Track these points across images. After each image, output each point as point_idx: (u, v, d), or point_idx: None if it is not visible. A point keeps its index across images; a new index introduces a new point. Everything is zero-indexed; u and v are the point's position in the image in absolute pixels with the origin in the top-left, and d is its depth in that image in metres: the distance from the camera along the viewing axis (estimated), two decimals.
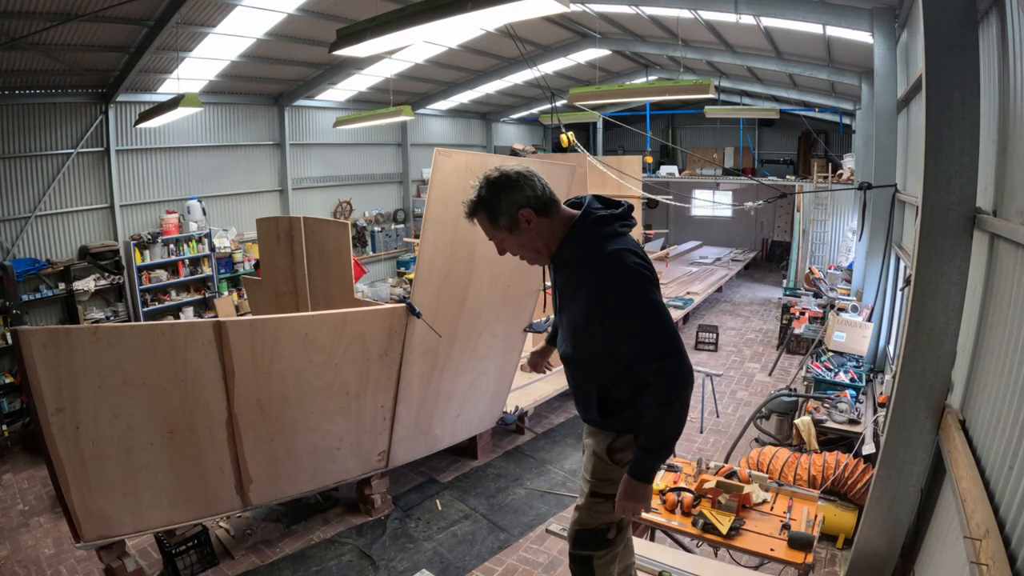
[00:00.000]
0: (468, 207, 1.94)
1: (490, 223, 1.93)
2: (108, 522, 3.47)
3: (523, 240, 1.94)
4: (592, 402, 2.07)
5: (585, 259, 1.88)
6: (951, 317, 2.79)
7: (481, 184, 1.91)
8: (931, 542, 2.94)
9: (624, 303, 1.80)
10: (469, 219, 1.96)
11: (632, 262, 1.81)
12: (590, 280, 1.85)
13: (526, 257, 2.01)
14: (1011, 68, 2.50)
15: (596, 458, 2.14)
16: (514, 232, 1.92)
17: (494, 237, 1.97)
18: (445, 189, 4.01)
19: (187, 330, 3.48)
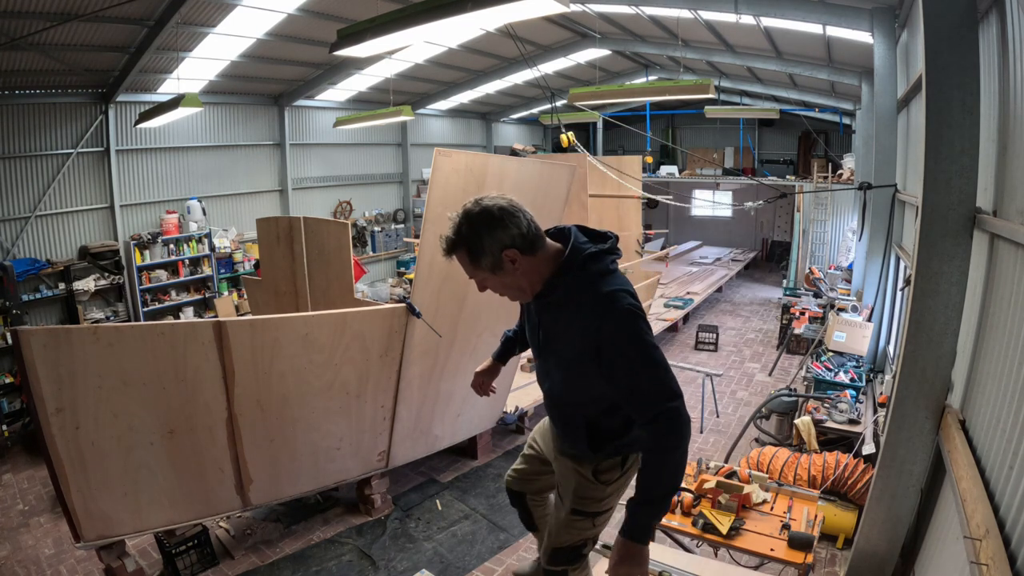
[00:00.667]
0: (446, 244, 1.78)
1: (471, 263, 1.78)
2: (108, 522, 3.47)
3: (507, 280, 1.81)
4: (581, 437, 2.01)
5: (579, 300, 1.78)
6: (951, 317, 2.79)
7: (460, 219, 1.75)
8: (931, 542, 2.94)
9: (623, 348, 1.72)
10: (447, 256, 1.80)
11: (629, 304, 1.74)
12: (585, 322, 1.76)
13: (508, 295, 1.89)
14: (1011, 68, 2.50)
15: (580, 476, 2.08)
16: (497, 272, 1.78)
17: (475, 276, 1.82)
18: (445, 189, 4.01)
19: (187, 330, 3.48)
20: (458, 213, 1.77)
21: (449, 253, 1.79)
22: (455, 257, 1.80)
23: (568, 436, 2.09)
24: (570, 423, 2.05)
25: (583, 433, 2.00)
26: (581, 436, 2.00)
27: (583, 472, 2.07)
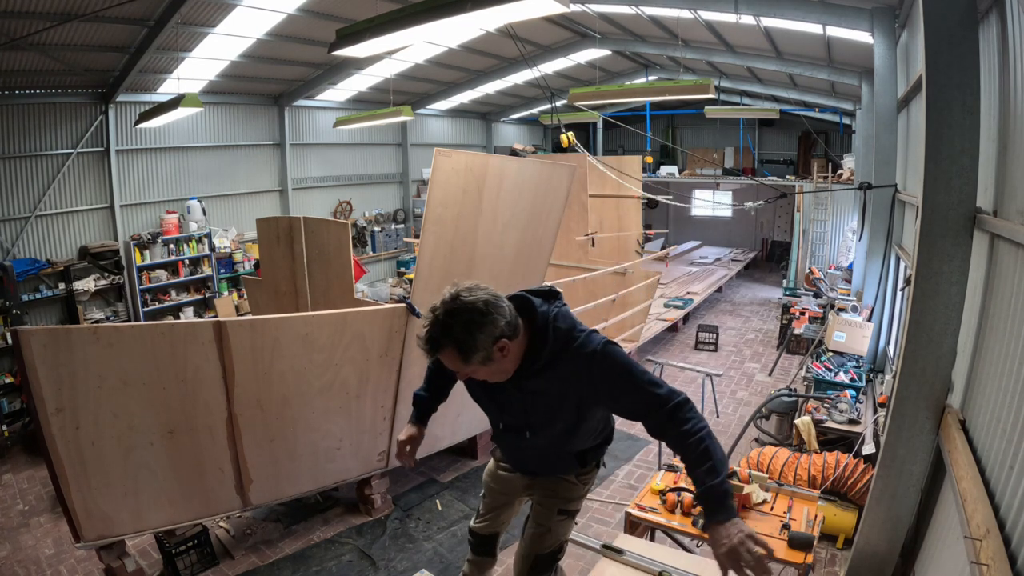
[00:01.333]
0: (428, 344, 1.71)
1: (462, 360, 1.74)
2: (108, 522, 3.47)
3: (494, 368, 1.82)
4: (570, 462, 2.24)
5: (563, 360, 1.86)
6: (951, 317, 2.79)
7: (444, 318, 1.69)
8: (931, 542, 2.94)
9: (619, 379, 1.85)
10: (431, 354, 1.74)
11: (600, 342, 1.88)
12: (578, 375, 1.86)
13: (492, 379, 1.89)
14: (1011, 68, 2.50)
15: (564, 482, 2.31)
16: (487, 364, 1.78)
17: (463, 372, 1.81)
18: (445, 189, 4.01)
19: (187, 330, 3.48)
20: (440, 310, 1.70)
21: (434, 352, 1.73)
22: (439, 355, 1.75)
23: (553, 468, 2.29)
24: (558, 460, 2.24)
25: (572, 461, 2.24)
26: (571, 461, 2.24)
27: (567, 478, 2.30)
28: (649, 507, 3.39)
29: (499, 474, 2.52)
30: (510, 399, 2.01)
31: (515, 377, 1.91)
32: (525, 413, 2.03)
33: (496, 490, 2.55)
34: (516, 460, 2.39)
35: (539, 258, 5.01)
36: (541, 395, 1.95)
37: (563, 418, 2.00)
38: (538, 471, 2.36)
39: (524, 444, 2.16)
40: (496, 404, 2.10)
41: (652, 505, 3.41)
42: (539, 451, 2.19)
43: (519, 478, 2.43)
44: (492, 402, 2.11)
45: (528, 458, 2.32)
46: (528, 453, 2.27)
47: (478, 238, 4.33)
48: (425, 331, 1.72)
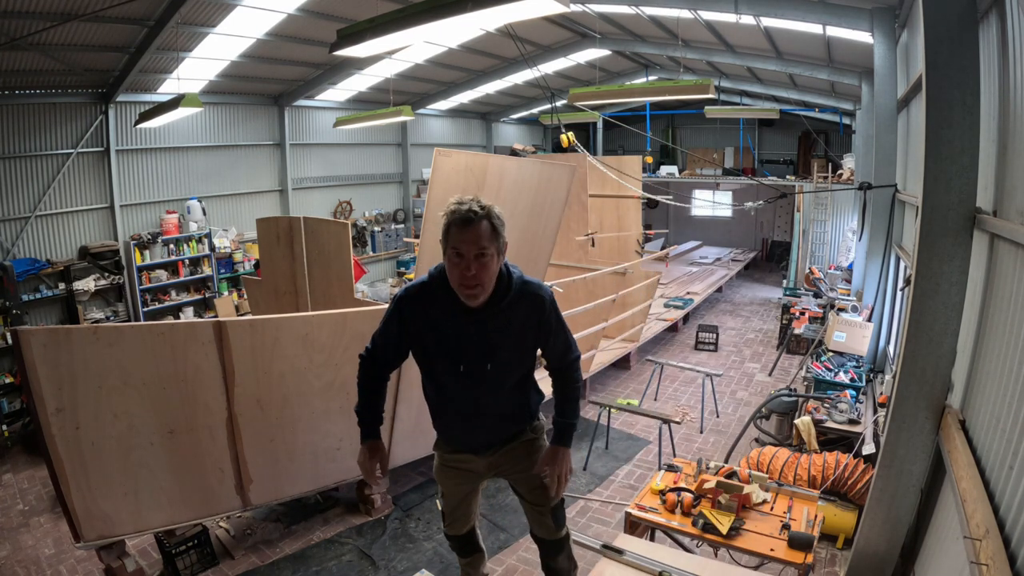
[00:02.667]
0: (481, 208, 2.01)
1: (492, 233, 2.03)
2: (108, 522, 3.47)
3: (496, 268, 2.09)
4: (524, 409, 2.47)
5: (525, 300, 2.20)
6: (951, 317, 2.79)
7: (480, 202, 2.03)
8: (931, 542, 2.94)
9: (558, 320, 2.31)
10: (471, 219, 1.99)
11: (550, 290, 2.30)
12: (534, 310, 2.22)
13: (480, 284, 2.07)
14: (1011, 68, 2.50)
15: (533, 445, 2.53)
16: (498, 256, 2.08)
17: (486, 248, 2.02)
18: (445, 189, 4.01)
19: (187, 330, 3.49)
20: (473, 199, 2.03)
21: (478, 220, 1.99)
22: (473, 226, 1.99)
23: (507, 419, 2.46)
24: (510, 404, 2.42)
25: (526, 401, 2.46)
26: (525, 406, 2.47)
27: (528, 436, 2.52)
28: (649, 507, 3.39)
29: (453, 467, 2.58)
30: (474, 337, 2.19)
31: (482, 312, 2.14)
32: (489, 348, 2.21)
33: (454, 484, 2.62)
34: (471, 433, 2.45)
35: (539, 258, 5.01)
36: (503, 330, 2.19)
37: (518, 353, 2.28)
38: (495, 437, 2.46)
39: (482, 395, 2.29)
40: (460, 344, 2.21)
41: (652, 505, 3.41)
42: (496, 402, 2.34)
43: (478, 461, 2.50)
44: (456, 343, 2.22)
45: (485, 424, 2.40)
46: (485, 413, 2.36)
47: None
48: (463, 206, 2.00)
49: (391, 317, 2.29)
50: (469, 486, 2.64)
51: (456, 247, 2.02)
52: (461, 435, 2.49)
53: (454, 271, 2.06)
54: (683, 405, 6.62)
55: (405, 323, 2.26)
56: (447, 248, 2.06)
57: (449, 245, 2.05)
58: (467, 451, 2.50)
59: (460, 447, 2.51)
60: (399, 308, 2.26)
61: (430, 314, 2.21)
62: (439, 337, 2.23)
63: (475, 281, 2.03)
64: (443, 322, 2.20)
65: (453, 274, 2.07)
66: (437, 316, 2.20)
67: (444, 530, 2.78)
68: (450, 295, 2.13)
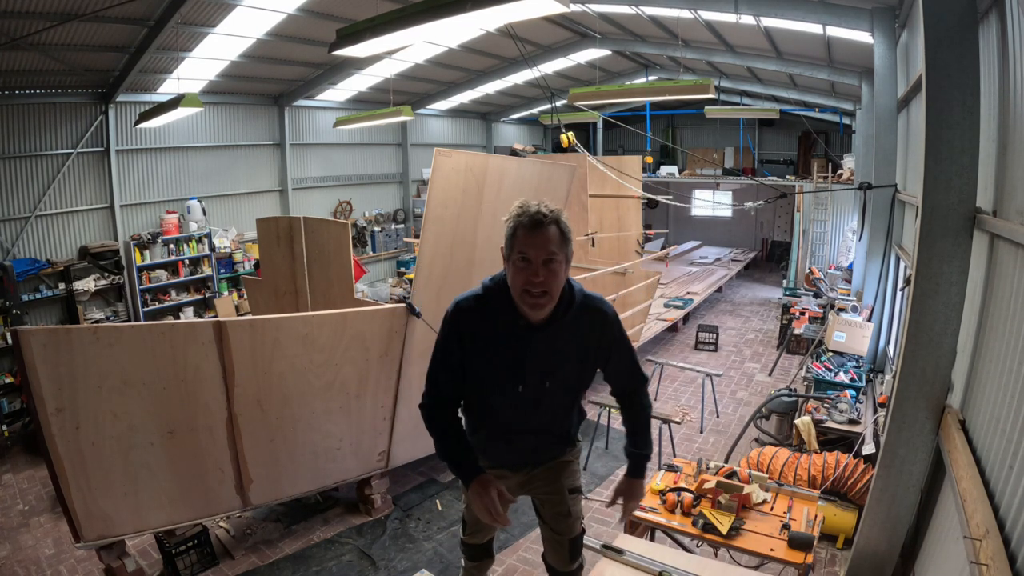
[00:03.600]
0: (550, 211, 1.87)
1: (561, 240, 1.89)
2: (108, 522, 3.47)
3: (562, 276, 1.95)
4: (569, 429, 2.35)
5: (587, 314, 2.07)
6: (951, 317, 2.79)
7: (547, 206, 1.89)
8: (931, 542, 2.94)
9: (624, 338, 2.20)
10: (541, 222, 1.84)
11: (612, 307, 2.18)
12: (596, 326, 2.09)
13: (548, 293, 1.90)
14: (1011, 68, 2.50)
15: (567, 465, 2.42)
16: (566, 265, 1.94)
17: (555, 253, 1.87)
18: (445, 189, 4.01)
19: (187, 330, 3.49)
20: (539, 203, 1.89)
21: (548, 224, 1.86)
22: (543, 230, 1.85)
23: (552, 447, 2.37)
24: (561, 419, 2.30)
25: (572, 422, 2.34)
26: (570, 427, 2.35)
27: (567, 458, 2.42)
28: (649, 507, 3.39)
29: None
30: (535, 355, 2.04)
31: (544, 327, 2.00)
32: (550, 366, 2.07)
33: None
34: (513, 451, 2.32)
35: None
36: (565, 347, 2.07)
37: (577, 372, 2.15)
38: (536, 457, 2.36)
39: (533, 415, 2.18)
40: (520, 362, 2.04)
41: (652, 505, 3.41)
42: (545, 422, 2.24)
43: (512, 478, 2.37)
44: (516, 361, 2.04)
45: (528, 443, 2.29)
46: (532, 432, 2.25)
47: (478, 238, 4.33)
48: (531, 208, 1.87)
49: (448, 339, 2.06)
50: None
51: (523, 251, 1.86)
52: (502, 452, 2.33)
53: (519, 277, 1.88)
54: (683, 405, 6.62)
55: (463, 340, 2.04)
56: (511, 254, 1.89)
57: (515, 250, 1.87)
58: (503, 466, 2.35)
59: (496, 463, 2.33)
60: (455, 324, 2.04)
61: (487, 329, 2.02)
62: (497, 354, 2.04)
63: (542, 288, 1.87)
64: (502, 337, 2.01)
65: (517, 281, 1.89)
66: (495, 331, 2.01)
67: (463, 538, 2.66)
68: (509, 308, 1.97)
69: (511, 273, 1.92)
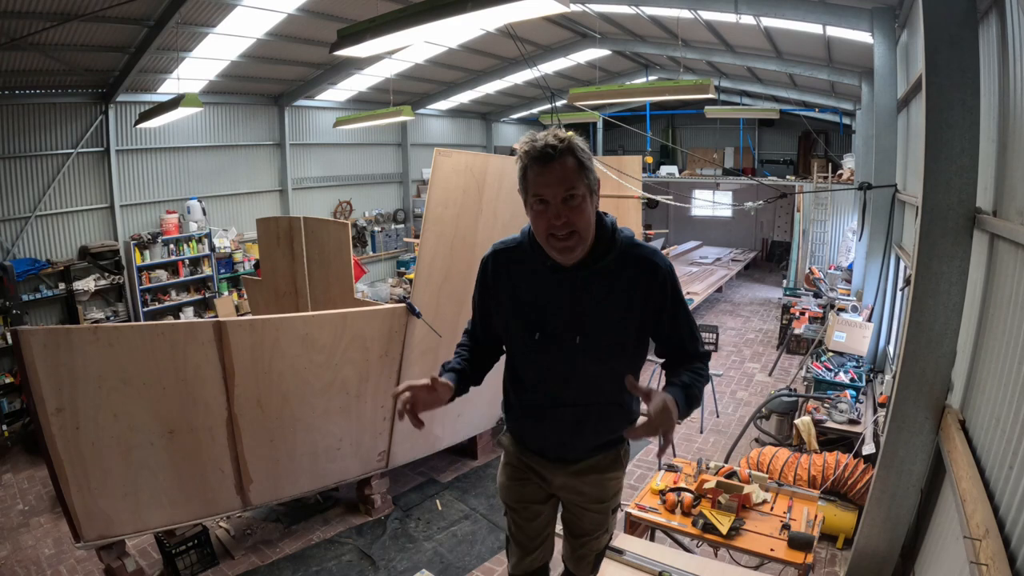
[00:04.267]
0: (560, 140, 1.60)
1: (580, 169, 1.61)
2: (108, 522, 3.47)
3: (592, 212, 1.67)
4: (616, 414, 1.88)
5: (634, 263, 1.75)
6: (951, 317, 2.79)
7: (557, 135, 1.62)
8: (931, 542, 2.94)
9: (679, 298, 1.81)
10: (551, 155, 1.59)
11: (669, 261, 1.81)
12: (639, 278, 1.74)
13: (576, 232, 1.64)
14: (1011, 68, 2.50)
15: (610, 479, 1.99)
16: (591, 197, 1.66)
17: (575, 187, 1.60)
18: (445, 189, 4.01)
19: (187, 330, 3.49)
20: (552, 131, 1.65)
21: (560, 155, 1.59)
22: (554, 164, 1.59)
23: (599, 422, 1.88)
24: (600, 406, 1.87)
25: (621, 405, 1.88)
26: (618, 411, 1.88)
27: (612, 465, 1.98)
28: (649, 507, 3.39)
29: (520, 465, 2.03)
30: (561, 301, 1.76)
31: (575, 271, 1.73)
32: (579, 316, 1.75)
33: (519, 489, 2.06)
34: (543, 428, 1.92)
35: None
36: (602, 297, 1.74)
37: (619, 330, 1.77)
38: (572, 441, 1.91)
39: (565, 378, 1.82)
40: (542, 307, 1.79)
41: (652, 505, 3.42)
42: (582, 391, 1.83)
43: (551, 469, 1.97)
44: (536, 305, 1.79)
45: (563, 419, 1.87)
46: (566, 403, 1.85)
47: (478, 238, 4.33)
48: (538, 142, 1.61)
49: (477, 281, 1.91)
50: (539, 496, 2.06)
51: (539, 192, 1.62)
52: (533, 431, 1.97)
53: (540, 222, 1.65)
54: None
55: (488, 283, 1.87)
56: (527, 197, 1.67)
57: (529, 193, 1.65)
58: (536, 452, 1.99)
59: (529, 445, 2.00)
60: (484, 266, 1.88)
61: (513, 273, 1.82)
62: (516, 298, 1.82)
63: (568, 228, 1.62)
64: (525, 280, 1.80)
65: (539, 226, 1.67)
66: (520, 274, 1.80)
67: (510, 572, 2.19)
68: (541, 253, 1.74)
69: (532, 218, 1.70)
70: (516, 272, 1.81)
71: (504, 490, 2.10)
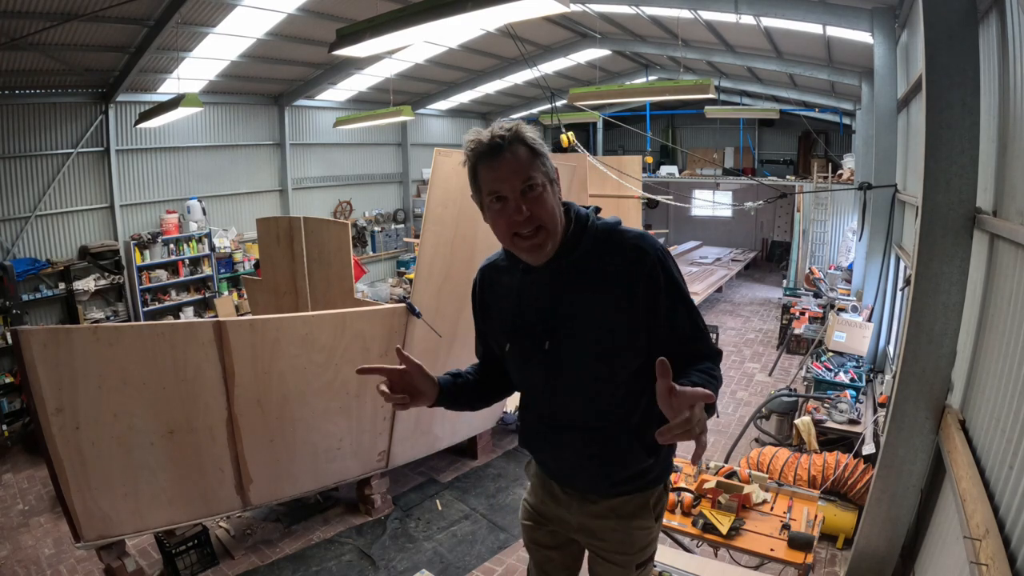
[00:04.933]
0: (509, 131, 1.47)
1: (533, 158, 1.47)
2: (108, 522, 3.47)
3: (555, 202, 1.50)
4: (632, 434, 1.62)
5: (615, 251, 1.53)
6: (951, 317, 2.79)
7: (514, 127, 1.49)
8: (931, 542, 2.94)
9: (676, 288, 1.54)
10: (500, 146, 1.45)
11: (661, 244, 1.57)
12: (625, 266, 1.51)
13: (542, 227, 1.48)
14: (1011, 68, 2.50)
15: (635, 528, 1.74)
16: (550, 186, 1.50)
17: (533, 176, 1.45)
18: (445, 189, 4.01)
19: (187, 330, 3.49)
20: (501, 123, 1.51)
21: (510, 144, 1.46)
22: (503, 156, 1.45)
23: (606, 444, 1.64)
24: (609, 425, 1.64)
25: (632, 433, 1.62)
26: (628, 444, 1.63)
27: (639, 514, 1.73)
28: None
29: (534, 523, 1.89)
30: (536, 301, 1.60)
31: (546, 268, 1.56)
32: (555, 318, 1.57)
33: (536, 550, 1.94)
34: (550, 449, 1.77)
35: None
36: (579, 292, 1.55)
37: (606, 329, 1.54)
38: (586, 477, 1.72)
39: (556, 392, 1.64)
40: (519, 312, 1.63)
41: None
42: (579, 407, 1.64)
43: (567, 503, 1.79)
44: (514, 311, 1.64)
45: (565, 442, 1.69)
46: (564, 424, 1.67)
47: (478, 238, 4.33)
48: (483, 135, 1.48)
49: (472, 303, 1.81)
50: (549, 541, 1.89)
51: (494, 189, 1.47)
52: (541, 450, 1.82)
53: (500, 221, 1.49)
54: None
55: (478, 301, 1.77)
56: (483, 199, 1.51)
57: (484, 193, 1.49)
58: (552, 475, 1.81)
59: (542, 467, 1.85)
60: (474, 287, 1.77)
61: (496, 286, 1.70)
62: (501, 310, 1.69)
63: (532, 223, 1.46)
64: (505, 289, 1.67)
65: (500, 227, 1.50)
66: (502, 285, 1.68)
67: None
68: (514, 258, 1.61)
69: (491, 221, 1.52)
70: (499, 284, 1.69)
71: (521, 526, 1.97)
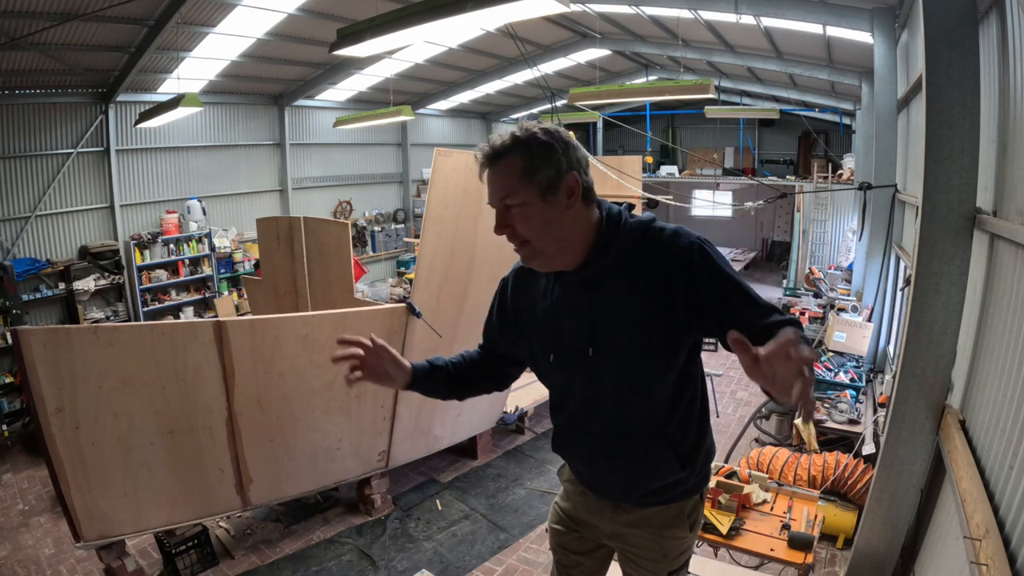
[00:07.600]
0: (508, 139, 1.39)
1: (521, 174, 1.37)
2: (108, 522, 3.47)
3: (550, 216, 1.40)
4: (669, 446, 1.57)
5: (647, 252, 1.46)
6: (951, 317, 2.79)
7: (524, 131, 1.40)
8: (931, 542, 2.94)
9: (717, 274, 1.44)
10: (491, 158, 1.40)
11: (701, 238, 1.47)
12: (662, 267, 1.44)
13: (528, 244, 1.43)
14: (1011, 68, 2.50)
15: (668, 538, 1.69)
16: (547, 199, 1.39)
17: (513, 196, 1.39)
18: (445, 189, 4.01)
19: (187, 330, 3.49)
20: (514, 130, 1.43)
21: (501, 156, 1.38)
22: (495, 167, 1.39)
23: (647, 453, 1.58)
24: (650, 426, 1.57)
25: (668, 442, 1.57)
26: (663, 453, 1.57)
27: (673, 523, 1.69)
28: None
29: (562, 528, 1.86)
30: (570, 310, 1.54)
31: (576, 273, 1.50)
32: (590, 324, 1.51)
33: (564, 555, 1.89)
34: (584, 458, 1.72)
35: None
36: (614, 297, 1.48)
37: (644, 334, 1.47)
38: (618, 476, 1.65)
39: (591, 399, 1.59)
40: (554, 320, 1.57)
41: None
42: (615, 414, 1.58)
43: (599, 509, 1.75)
44: (548, 320, 1.58)
45: (600, 448, 1.63)
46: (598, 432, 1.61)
47: (478, 238, 4.33)
48: (488, 143, 1.42)
49: (493, 302, 1.78)
50: (579, 546, 1.86)
51: (489, 199, 1.45)
52: (574, 457, 1.78)
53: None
54: None
55: (507, 298, 1.72)
56: None
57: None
58: (585, 483, 1.77)
59: (577, 474, 1.80)
60: (502, 287, 1.74)
61: (532, 289, 1.64)
62: (533, 314, 1.63)
63: (517, 238, 1.43)
64: (540, 293, 1.60)
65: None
66: (537, 288, 1.62)
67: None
68: None
69: None
70: (532, 286, 1.63)
71: (549, 530, 1.94)
